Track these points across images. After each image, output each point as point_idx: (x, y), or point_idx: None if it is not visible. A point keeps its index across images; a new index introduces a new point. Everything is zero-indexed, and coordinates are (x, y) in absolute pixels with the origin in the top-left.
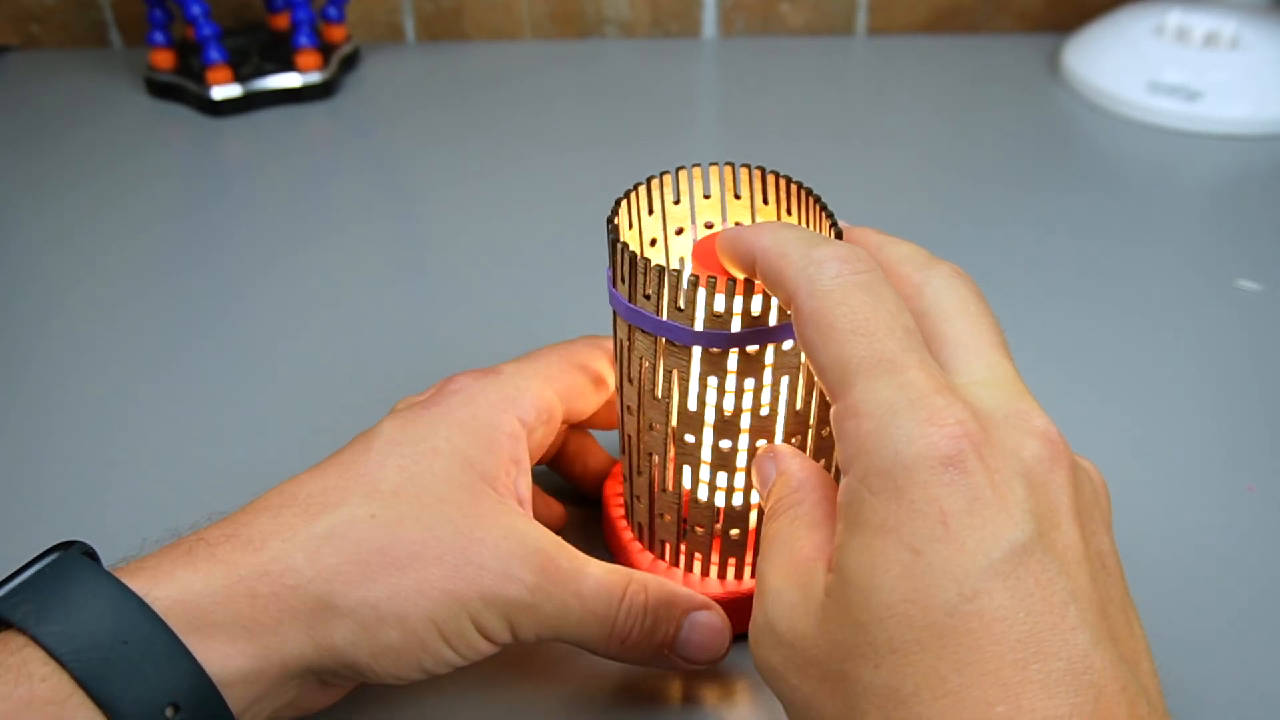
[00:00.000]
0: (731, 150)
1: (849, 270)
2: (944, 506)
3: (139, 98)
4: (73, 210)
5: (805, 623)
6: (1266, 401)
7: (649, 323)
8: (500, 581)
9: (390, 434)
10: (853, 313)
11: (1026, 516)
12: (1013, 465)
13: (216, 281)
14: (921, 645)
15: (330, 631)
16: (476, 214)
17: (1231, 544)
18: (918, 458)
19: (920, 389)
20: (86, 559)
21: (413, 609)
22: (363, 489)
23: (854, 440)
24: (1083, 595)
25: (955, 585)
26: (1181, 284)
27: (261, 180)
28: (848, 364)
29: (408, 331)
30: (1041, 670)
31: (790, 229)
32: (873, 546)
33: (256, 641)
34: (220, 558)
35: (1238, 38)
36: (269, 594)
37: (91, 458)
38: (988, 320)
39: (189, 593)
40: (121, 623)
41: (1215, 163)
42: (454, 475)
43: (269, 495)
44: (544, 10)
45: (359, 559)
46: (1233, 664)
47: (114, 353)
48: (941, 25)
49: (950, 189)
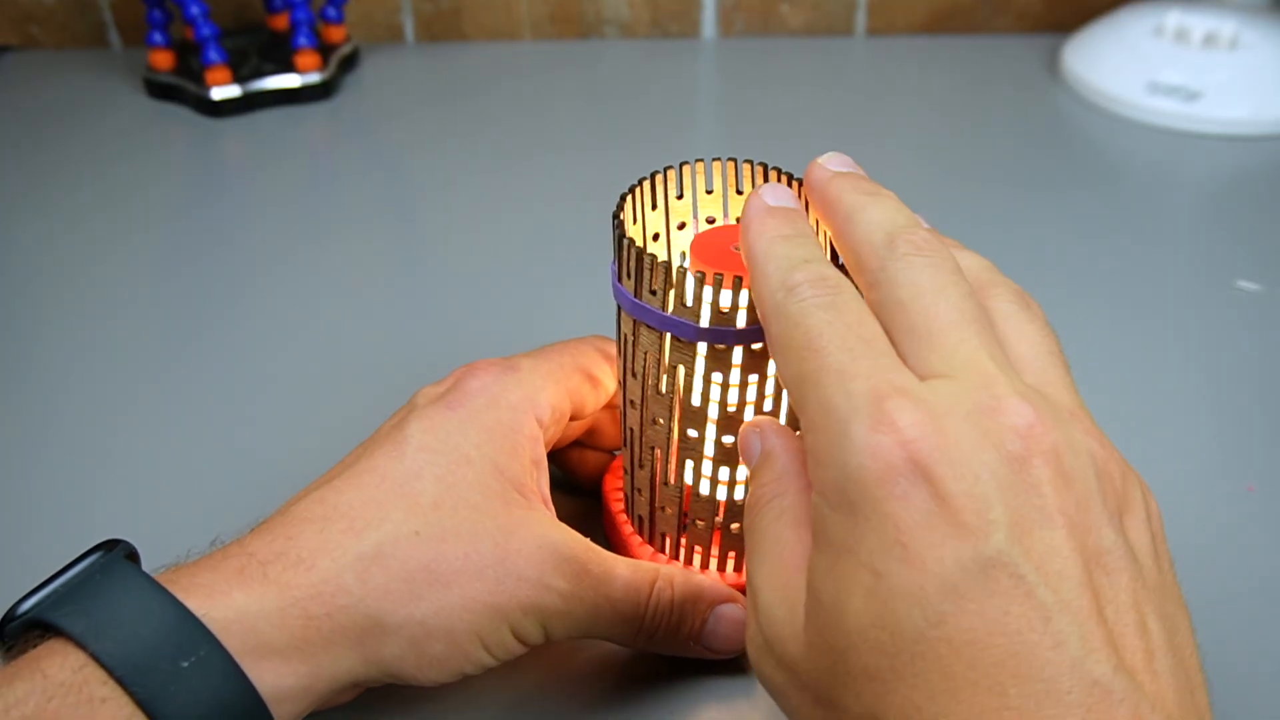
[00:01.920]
0: (731, 151)
1: (813, 294)
2: (899, 523)
3: (138, 98)
4: (73, 210)
5: (794, 646)
6: (1266, 401)
7: (654, 318)
8: (537, 591)
9: (420, 439)
10: (806, 332)
11: (991, 527)
12: (975, 468)
13: (216, 282)
14: (895, 673)
15: (380, 648)
16: (476, 214)
17: (1231, 544)
18: (865, 469)
19: (868, 395)
20: (133, 565)
21: (458, 623)
22: (404, 503)
23: (813, 454)
24: (1069, 605)
25: (919, 610)
26: (1181, 284)
27: (261, 181)
28: (803, 379)
29: (408, 331)
30: (1020, 694)
31: (783, 244)
32: (836, 568)
33: (309, 661)
34: (273, 578)
35: (1237, 38)
36: (322, 615)
37: (92, 458)
38: (947, 300)
39: (245, 615)
40: (181, 644)
41: (1215, 163)
42: (487, 484)
43: (309, 505)
44: (544, 11)
45: (406, 577)
46: (1233, 664)
47: (114, 353)
48: (941, 26)
49: (950, 189)
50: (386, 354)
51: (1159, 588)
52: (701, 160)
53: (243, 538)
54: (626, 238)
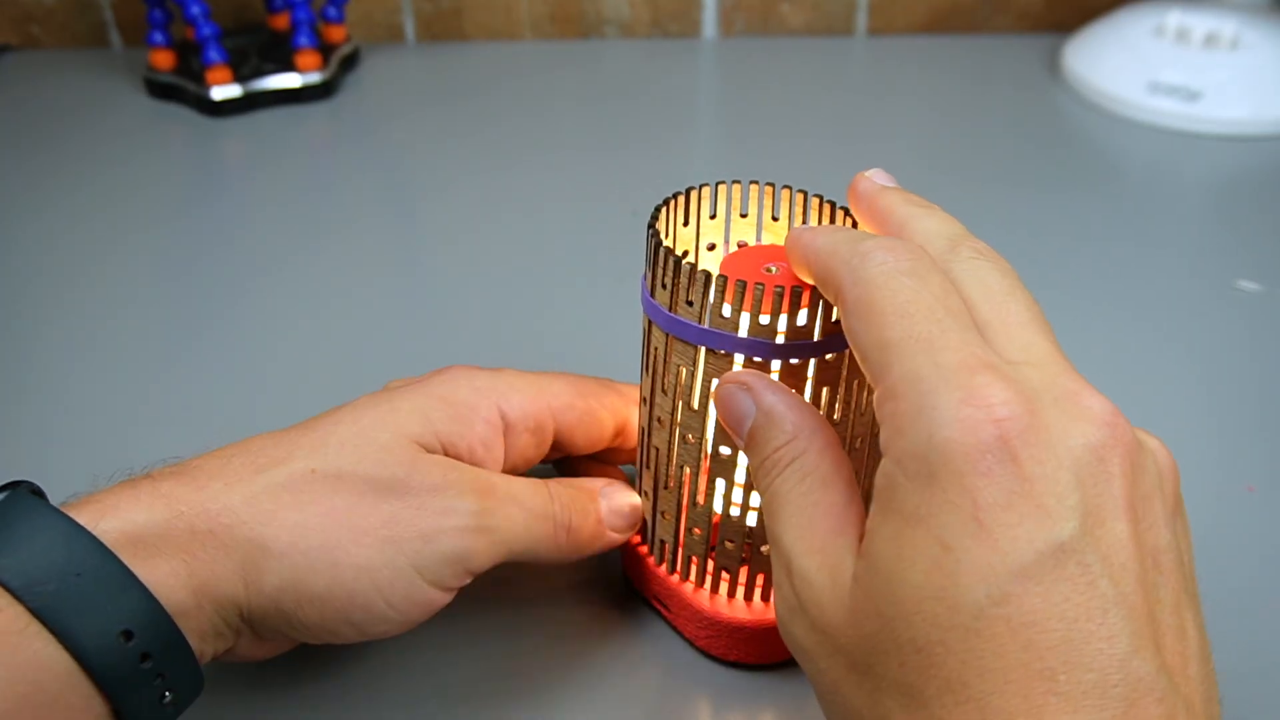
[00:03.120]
0: (731, 151)
1: (893, 258)
2: (978, 499)
3: (139, 98)
4: (73, 210)
5: (835, 610)
6: (1266, 401)
7: (690, 331)
8: (441, 516)
9: (360, 400)
10: (894, 295)
11: (1069, 513)
12: (1059, 454)
13: (216, 281)
14: (946, 647)
15: (260, 575)
16: (476, 214)
17: (1231, 544)
18: (953, 442)
19: (959, 366)
20: (34, 496)
21: (344, 557)
22: (310, 444)
23: (891, 421)
24: (1126, 600)
25: (984, 586)
26: (1181, 284)
27: (261, 180)
28: (887, 346)
29: (408, 331)
30: (1069, 681)
31: (843, 231)
32: (902, 536)
33: (195, 577)
34: (163, 493)
35: (1238, 38)
36: (206, 531)
37: (91, 458)
38: (1016, 300)
39: (133, 524)
40: (73, 555)
41: (1215, 163)
42: (405, 428)
43: (226, 446)
44: (544, 10)
45: (296, 507)
46: (1233, 664)
47: (114, 352)
48: (941, 25)
49: (950, 189)
50: (386, 353)
51: (1194, 594)
52: (739, 181)
53: (153, 469)
54: (664, 247)
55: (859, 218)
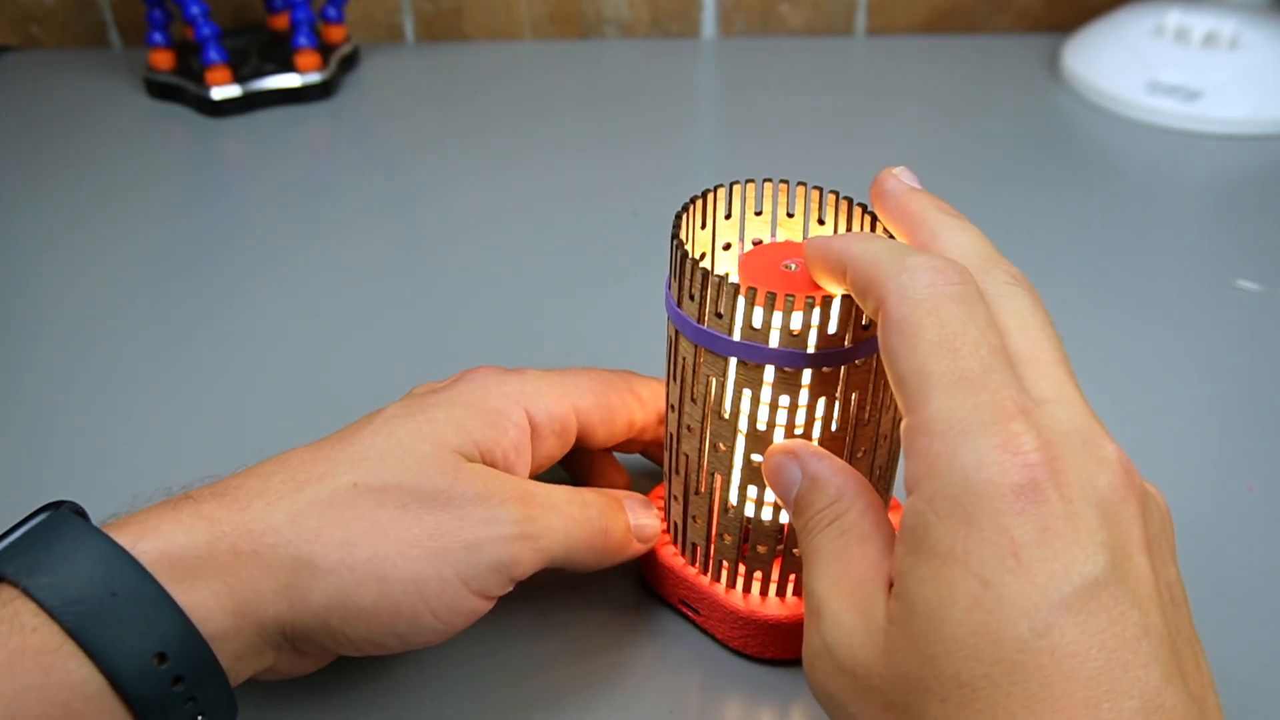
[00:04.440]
0: (731, 150)
1: (943, 281)
2: (1015, 537)
3: (138, 98)
4: (73, 210)
5: (867, 651)
6: (1266, 401)
7: (720, 344)
8: (484, 525)
9: (392, 411)
10: (941, 325)
11: (1099, 549)
12: (1086, 495)
13: (216, 282)
14: (991, 681)
15: (307, 593)
16: (476, 214)
17: (1231, 544)
18: (988, 484)
19: (996, 412)
20: (76, 516)
21: (391, 571)
22: (350, 459)
23: (924, 459)
24: (1155, 630)
25: (1026, 620)
26: (1181, 284)
27: (261, 181)
28: (928, 377)
29: (407, 331)
30: (1113, 709)
31: (882, 240)
32: (940, 575)
33: (235, 598)
34: (205, 514)
35: (1237, 38)
36: (249, 552)
37: (91, 458)
38: (1048, 336)
39: (173, 545)
40: (110, 575)
41: (1215, 163)
42: (444, 438)
43: (263, 462)
44: (544, 11)
45: (340, 523)
46: (1233, 664)
47: (113, 352)
48: (941, 25)
49: (949, 189)
50: (386, 353)
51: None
52: (753, 181)
53: (192, 489)
54: (690, 259)
55: (883, 217)
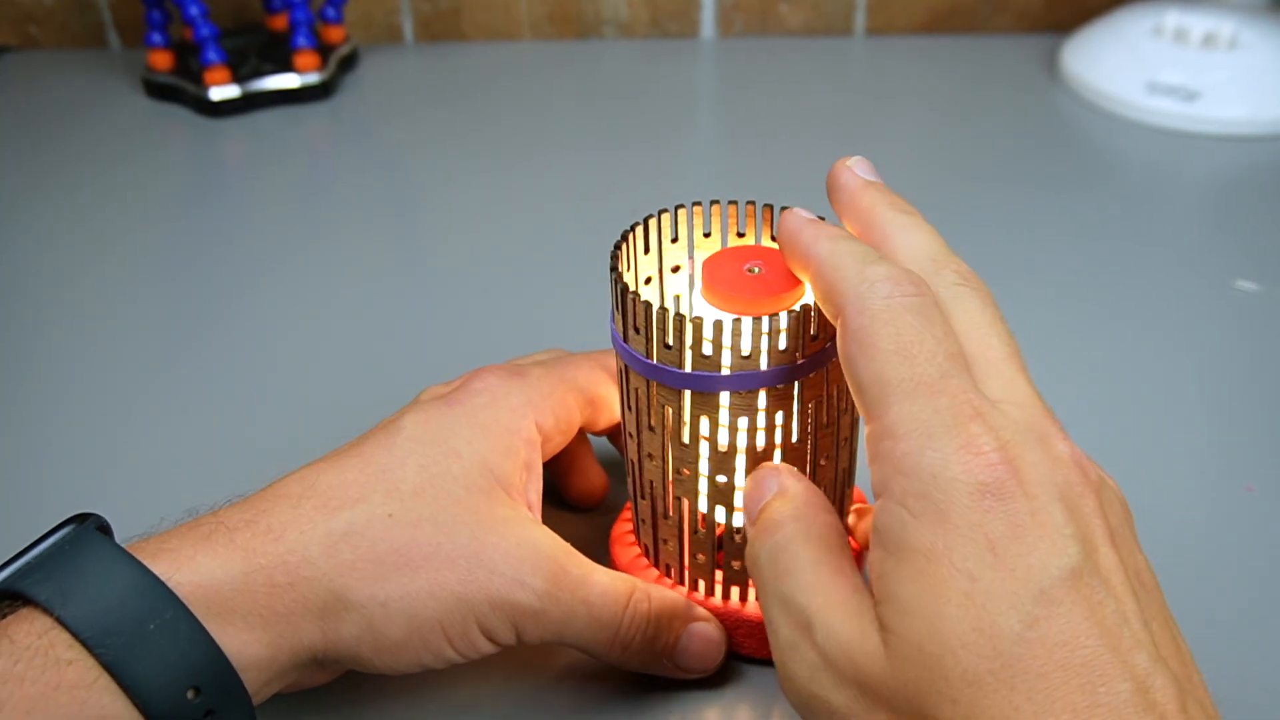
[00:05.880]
0: (730, 151)
1: (899, 292)
2: (988, 533)
3: (137, 99)
4: (72, 210)
5: (869, 661)
6: (1265, 402)
7: (671, 377)
8: (510, 587)
9: (412, 430)
10: (898, 334)
11: (1070, 541)
12: (1048, 491)
13: (215, 282)
14: (995, 676)
15: (339, 625)
16: (475, 214)
17: (1231, 544)
18: (955, 482)
19: (955, 414)
20: (103, 535)
21: (421, 609)
22: (383, 487)
23: (890, 460)
24: (1133, 616)
25: (1015, 613)
26: (1180, 284)
27: (260, 181)
28: (887, 384)
29: (406, 331)
30: (1109, 693)
31: (848, 241)
32: (927, 573)
33: (271, 630)
34: (239, 544)
35: (1236, 38)
36: (285, 584)
37: (91, 458)
38: (999, 334)
39: (210, 579)
40: (146, 607)
41: (1214, 163)
42: (472, 479)
43: (288, 483)
44: (542, 11)
45: (374, 557)
46: (1233, 664)
47: (113, 352)
48: (940, 25)
49: (948, 189)
50: (386, 354)
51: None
52: (699, 204)
53: (218, 510)
54: (633, 293)
55: (837, 211)
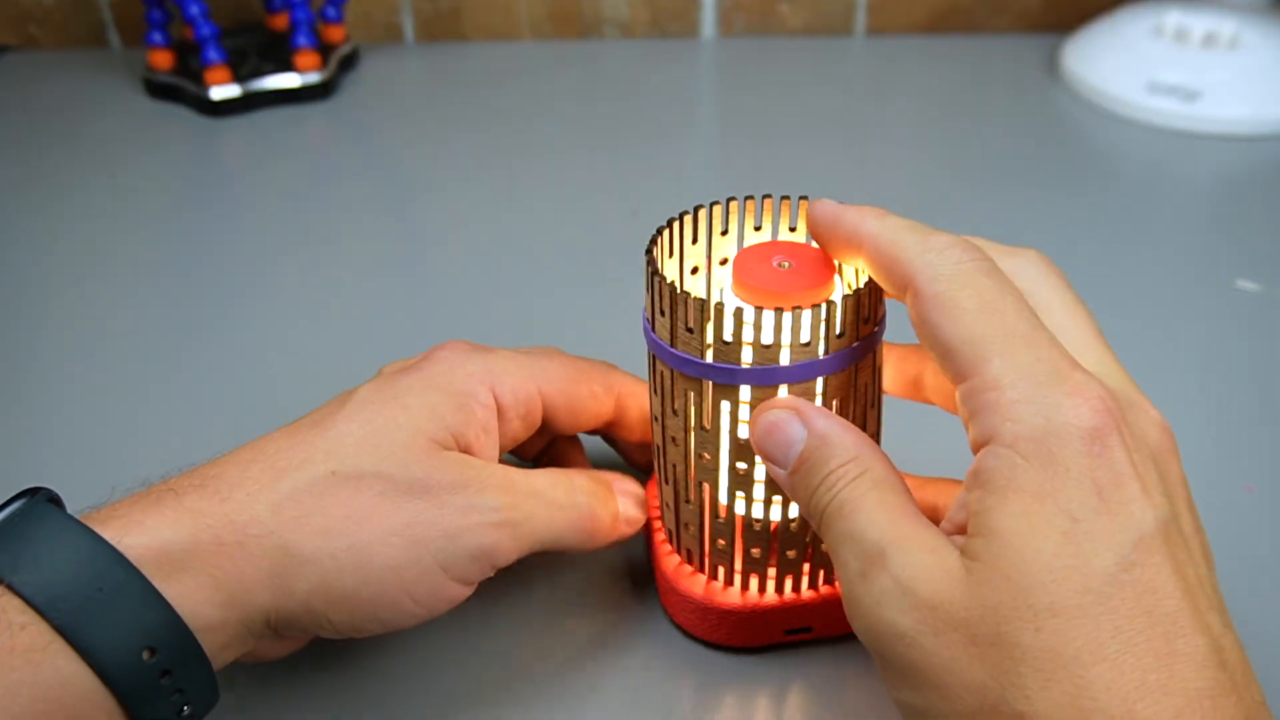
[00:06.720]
0: (730, 151)
1: (968, 257)
2: (1096, 478)
3: (137, 98)
4: (72, 210)
5: (948, 585)
6: (1266, 402)
7: (692, 366)
8: (462, 513)
9: (365, 394)
10: (980, 294)
11: (1164, 500)
12: (1145, 449)
13: (215, 281)
14: (1082, 610)
15: (291, 580)
16: (475, 214)
17: (1231, 544)
18: (1066, 426)
19: (1056, 364)
20: (53, 506)
21: (372, 558)
22: (327, 446)
23: (998, 409)
24: (1206, 581)
25: (1111, 554)
26: (1181, 284)
27: (260, 180)
28: (980, 341)
29: (406, 330)
30: (1188, 645)
31: (894, 217)
32: (1031, 511)
33: (222, 590)
34: (187, 507)
35: (1236, 38)
36: (234, 543)
37: (90, 458)
38: (1083, 310)
39: (159, 540)
40: (96, 570)
41: (1214, 163)
42: (419, 426)
43: (241, 450)
44: (542, 11)
45: (320, 512)
46: None
47: (113, 352)
48: (940, 25)
49: (949, 189)
50: (385, 353)
51: None
52: (752, 197)
53: (169, 478)
54: (660, 276)
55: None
